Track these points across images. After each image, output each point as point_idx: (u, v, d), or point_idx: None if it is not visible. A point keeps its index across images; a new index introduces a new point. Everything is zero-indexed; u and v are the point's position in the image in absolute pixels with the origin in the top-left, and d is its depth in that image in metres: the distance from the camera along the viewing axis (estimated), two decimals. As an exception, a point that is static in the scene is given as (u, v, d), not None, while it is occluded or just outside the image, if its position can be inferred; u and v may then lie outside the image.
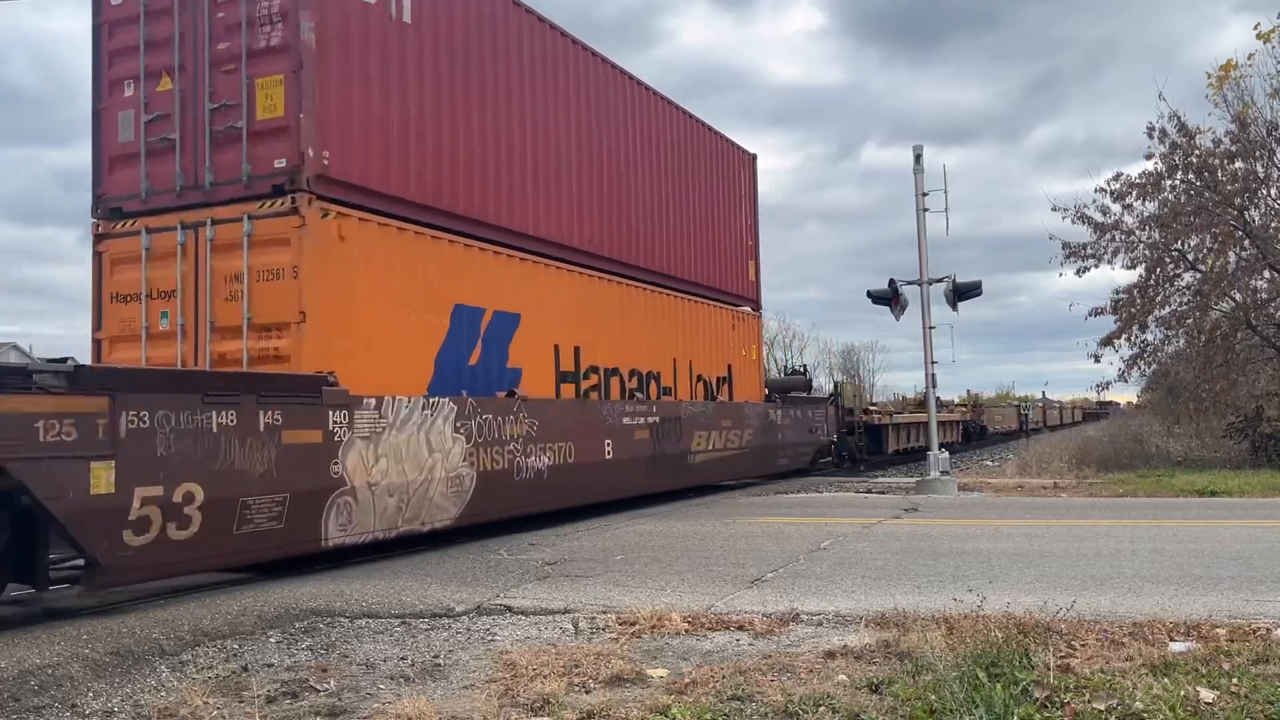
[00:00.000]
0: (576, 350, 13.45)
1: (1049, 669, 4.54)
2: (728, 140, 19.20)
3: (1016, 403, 66.89)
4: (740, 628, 6.11)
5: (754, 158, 20.38)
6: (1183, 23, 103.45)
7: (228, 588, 8.04)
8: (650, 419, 14.70)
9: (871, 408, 29.61)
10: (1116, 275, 61.20)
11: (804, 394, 22.59)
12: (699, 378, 16.92)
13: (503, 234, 12.16)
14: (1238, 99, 22.27)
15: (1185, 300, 23.24)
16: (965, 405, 42.72)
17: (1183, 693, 4.18)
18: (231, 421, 7.66)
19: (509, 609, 6.99)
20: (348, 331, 9.57)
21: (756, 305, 19.96)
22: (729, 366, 18.17)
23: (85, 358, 9.26)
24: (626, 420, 14.07)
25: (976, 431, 43.07)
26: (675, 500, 15.25)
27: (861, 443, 26.55)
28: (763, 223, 20.55)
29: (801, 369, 25.99)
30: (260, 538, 7.93)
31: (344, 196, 9.78)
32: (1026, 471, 22.82)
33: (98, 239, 10.16)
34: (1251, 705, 4.06)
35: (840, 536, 10.32)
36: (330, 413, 8.69)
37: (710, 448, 16.55)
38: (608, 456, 13.47)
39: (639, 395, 14.78)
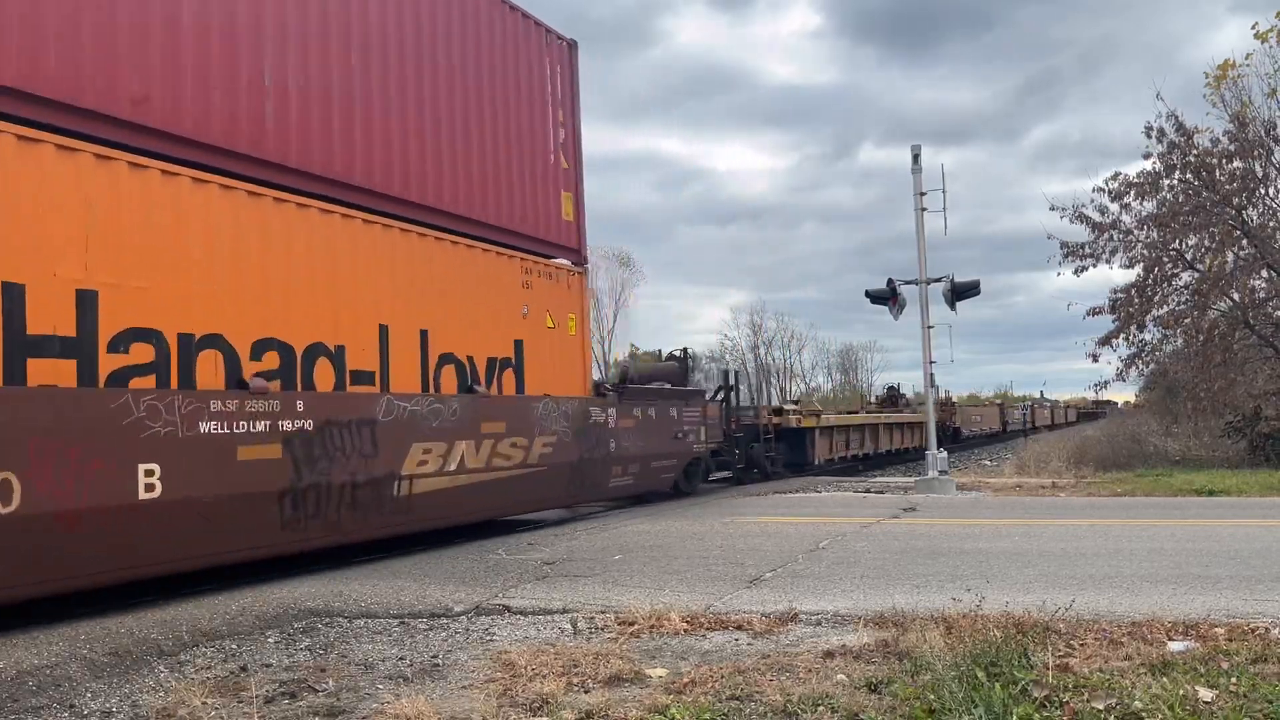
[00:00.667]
0: (85, 300, 7.23)
1: (1048, 668, 4.54)
2: (522, 13, 13.05)
3: (1000, 401, 61.74)
4: (739, 627, 6.11)
5: (571, 46, 14.03)
6: (1180, 23, 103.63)
7: (226, 588, 8.04)
8: (290, 423, 8.49)
9: (788, 407, 23.82)
10: (1114, 275, 61.32)
11: (675, 387, 16.73)
12: (447, 358, 10.83)
13: None
14: (1235, 99, 22.32)
15: (1183, 300, 23.29)
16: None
17: (1182, 692, 4.19)
18: None
19: (507, 609, 6.99)
20: None
21: (579, 258, 13.95)
22: (518, 343, 12.11)
23: None
24: (210, 427, 7.74)
25: (948, 434, 37.72)
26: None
27: (772, 451, 21.14)
28: (760, 223, 18.29)
29: (680, 354, 18.63)
30: None
31: None
32: (1025, 471, 22.84)
33: None
34: (1250, 704, 4.06)
35: (839, 536, 10.32)
36: None
37: (454, 468, 10.40)
38: (147, 496, 7.25)
39: (260, 380, 8.34)
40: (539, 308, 12.72)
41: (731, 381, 20.85)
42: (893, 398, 36.15)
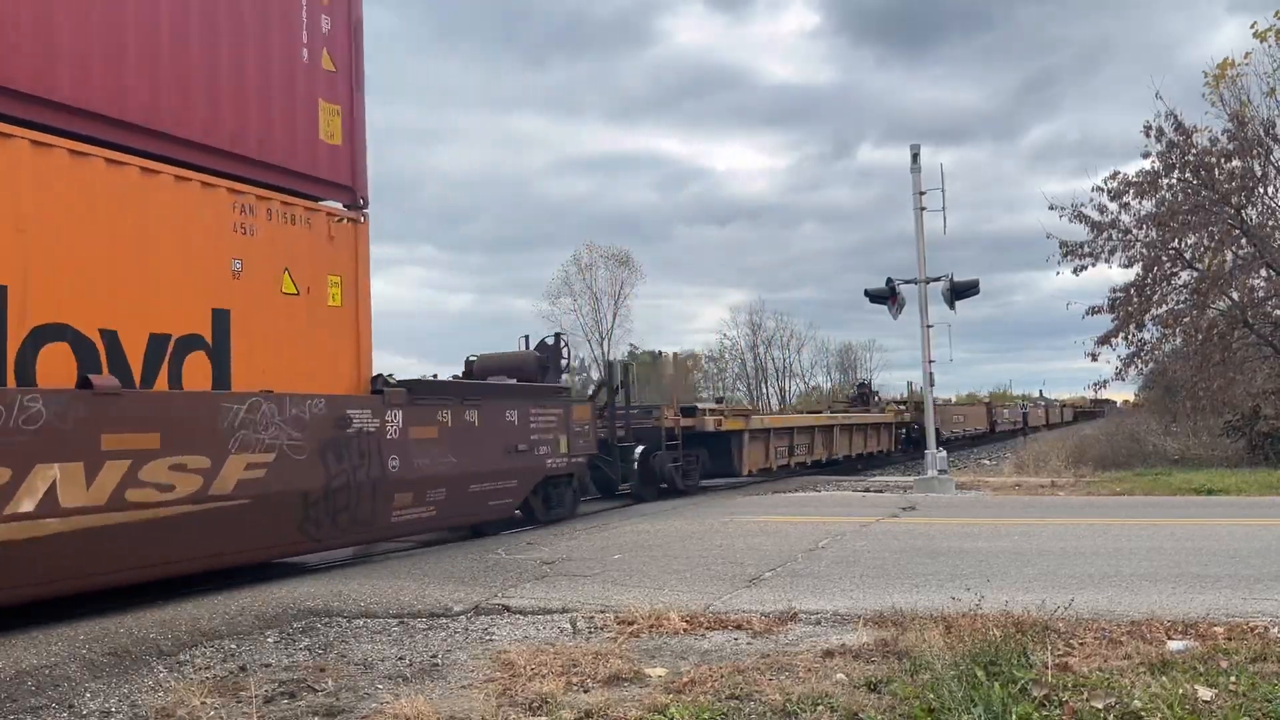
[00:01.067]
0: None
1: (1047, 668, 4.54)
2: None
3: (987, 400, 57.67)
4: (738, 627, 6.11)
5: None
6: (1178, 23, 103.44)
7: (225, 588, 8.03)
8: None
9: (705, 406, 19.62)
10: (1113, 274, 61.31)
11: (527, 382, 12.70)
12: (51, 333, 7.12)
13: None
14: (1234, 98, 22.32)
15: (1182, 299, 23.29)
16: (903, 404, 32.75)
17: (1181, 691, 4.19)
18: None
19: (507, 608, 6.99)
20: None
21: (354, 199, 9.93)
22: (219, 315, 8.31)
23: None
24: None
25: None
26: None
27: (679, 460, 17.28)
28: (759, 222, 14.95)
29: (552, 340, 14.40)
30: None
31: None
32: (1024, 470, 22.83)
33: None
34: (1250, 704, 4.06)
35: (838, 535, 10.33)
36: None
37: (32, 508, 6.57)
38: None
39: None
40: (269, 264, 8.80)
41: (618, 376, 16.78)
42: (863, 396, 32.53)
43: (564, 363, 14.06)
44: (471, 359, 13.60)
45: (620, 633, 6.02)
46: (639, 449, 16.27)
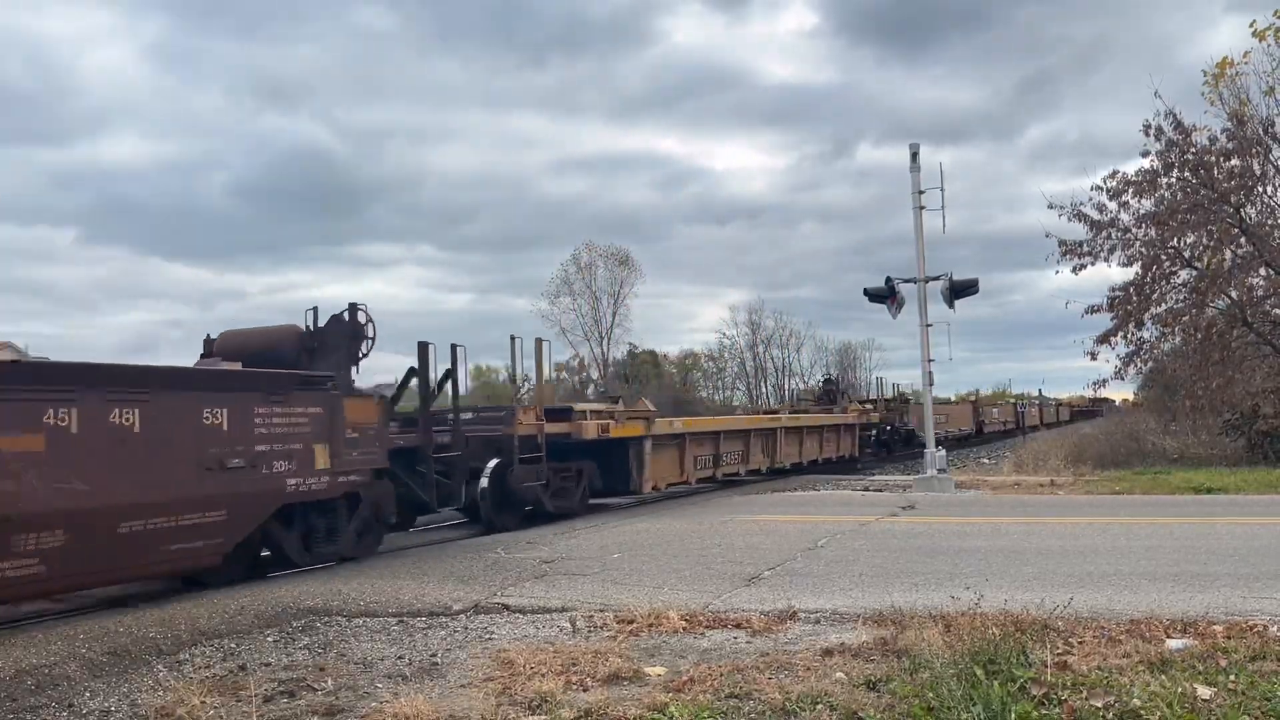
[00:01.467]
0: None
1: (1046, 666, 4.54)
2: None
3: (972, 398, 54.83)
4: (738, 626, 6.12)
5: None
6: (1175, 23, 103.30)
7: (225, 587, 8.03)
8: None
9: (583, 406, 15.00)
10: (1112, 273, 61.23)
11: (275, 369, 9.09)
12: None
13: None
14: (1234, 97, 22.30)
15: (1181, 298, 23.28)
16: (871, 403, 30.03)
17: (1180, 689, 4.19)
18: None
19: (506, 607, 6.99)
20: None
21: None
22: None
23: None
24: None
25: (899, 438, 30.31)
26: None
27: (543, 479, 13.02)
28: (758, 222, 13.72)
29: (346, 314, 9.93)
30: None
31: None
32: (1023, 469, 22.83)
33: None
34: (1249, 702, 4.07)
35: (837, 534, 10.33)
36: None
37: None
38: None
39: None
40: None
41: (441, 364, 11.53)
42: (830, 393, 29.84)
43: (364, 346, 9.91)
44: (212, 337, 10.25)
45: (619, 631, 6.02)
46: (492, 463, 12.45)
